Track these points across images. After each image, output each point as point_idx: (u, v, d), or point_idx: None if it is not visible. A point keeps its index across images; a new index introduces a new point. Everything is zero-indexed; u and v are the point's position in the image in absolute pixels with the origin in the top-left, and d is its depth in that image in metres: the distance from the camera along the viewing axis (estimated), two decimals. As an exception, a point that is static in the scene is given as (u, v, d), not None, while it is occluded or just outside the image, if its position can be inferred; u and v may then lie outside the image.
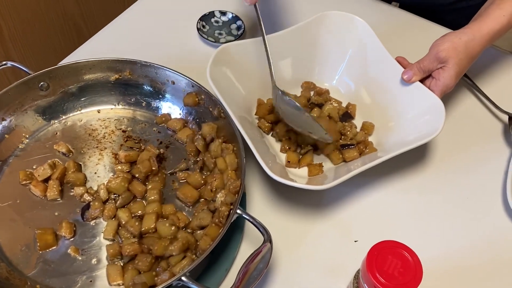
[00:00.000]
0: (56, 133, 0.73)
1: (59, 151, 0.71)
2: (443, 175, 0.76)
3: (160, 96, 0.76)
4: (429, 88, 0.73)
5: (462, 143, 0.80)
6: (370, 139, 0.76)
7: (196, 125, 0.74)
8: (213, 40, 0.89)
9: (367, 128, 0.77)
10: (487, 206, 0.73)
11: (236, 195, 0.63)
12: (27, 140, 0.72)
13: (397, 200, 0.73)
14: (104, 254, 0.62)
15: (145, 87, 0.76)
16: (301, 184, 0.64)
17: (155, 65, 0.74)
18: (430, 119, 0.71)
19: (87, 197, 0.66)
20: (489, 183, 0.75)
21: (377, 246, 0.52)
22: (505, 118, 0.81)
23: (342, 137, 0.75)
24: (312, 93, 0.81)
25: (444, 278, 0.64)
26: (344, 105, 0.79)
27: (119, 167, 0.69)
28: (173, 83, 0.75)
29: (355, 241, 0.68)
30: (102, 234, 0.64)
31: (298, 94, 0.81)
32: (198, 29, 0.89)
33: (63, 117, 0.75)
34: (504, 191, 0.73)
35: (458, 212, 0.72)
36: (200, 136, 0.71)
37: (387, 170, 0.75)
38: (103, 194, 0.66)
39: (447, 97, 0.73)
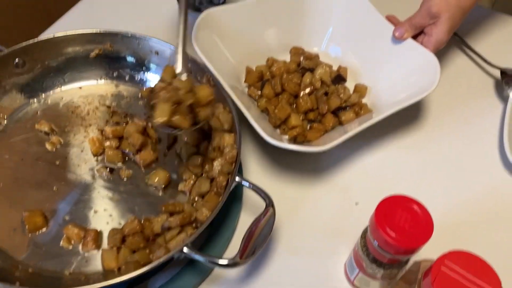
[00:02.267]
0: (37, 112, 0.69)
1: (41, 131, 0.67)
2: (439, 131, 0.75)
3: (144, 68, 0.73)
4: (421, 44, 0.72)
5: (456, 101, 0.79)
6: (364, 100, 0.75)
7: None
8: (193, 9, 0.85)
9: (360, 90, 0.75)
10: (485, 159, 0.72)
11: (233, 164, 0.60)
12: (5, 121, 0.68)
13: (395, 160, 0.71)
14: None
15: (128, 59, 0.73)
16: (298, 146, 0.62)
17: (137, 35, 0.71)
18: (425, 75, 0.70)
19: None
20: (485, 136, 0.74)
21: (386, 200, 0.50)
22: (497, 73, 0.81)
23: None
24: (301, 58, 0.78)
25: (450, 231, 0.63)
26: (335, 68, 0.77)
27: (108, 143, 0.65)
28: (157, 53, 0.71)
29: (356, 204, 0.67)
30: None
31: (288, 60, 0.78)
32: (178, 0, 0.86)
33: (43, 95, 0.71)
34: (501, 144, 0.72)
35: (457, 166, 0.71)
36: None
37: (383, 131, 0.73)
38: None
39: (437, 55, 0.72)
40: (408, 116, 0.76)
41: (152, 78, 0.73)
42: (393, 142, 0.73)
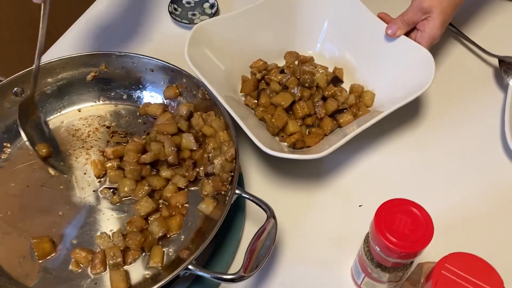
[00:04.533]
0: (39, 138, 0.70)
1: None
2: (439, 128, 0.74)
3: (141, 86, 0.74)
4: (415, 40, 0.71)
5: (455, 93, 0.78)
6: (361, 101, 0.74)
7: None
8: (188, 22, 0.86)
9: (357, 90, 0.74)
10: (488, 152, 0.72)
11: (234, 161, 0.61)
12: (9, 149, 0.69)
13: (396, 160, 0.71)
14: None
15: (124, 79, 0.73)
16: (298, 155, 0.62)
17: (131, 54, 0.71)
18: (420, 72, 0.69)
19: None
20: (487, 128, 0.74)
21: (384, 205, 0.50)
22: (495, 61, 0.80)
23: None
24: (296, 62, 0.78)
25: (454, 230, 0.63)
26: (330, 70, 0.77)
27: (109, 164, 0.66)
28: (152, 70, 0.72)
29: (359, 206, 0.67)
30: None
31: (281, 65, 0.78)
32: (171, 13, 0.86)
33: (44, 120, 0.72)
34: (503, 134, 0.71)
35: (459, 162, 0.71)
36: (179, 116, 0.68)
37: (381, 131, 0.73)
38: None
39: (434, 49, 0.72)
40: (407, 113, 0.75)
41: (148, 95, 0.74)
42: (393, 140, 0.73)
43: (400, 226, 0.49)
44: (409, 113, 0.75)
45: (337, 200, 0.67)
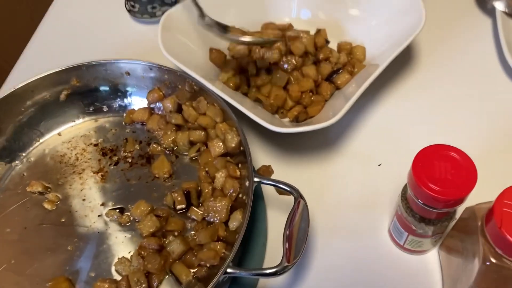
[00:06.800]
0: (23, 174, 0.64)
1: (34, 192, 0.62)
2: (437, 67, 0.72)
3: (120, 93, 0.68)
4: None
5: (441, 29, 0.75)
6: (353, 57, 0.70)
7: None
8: (149, 16, 0.80)
9: (345, 47, 0.71)
10: (491, 79, 0.69)
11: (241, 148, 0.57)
12: (-6, 194, 0.63)
13: (402, 109, 0.68)
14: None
15: (101, 89, 0.67)
16: (306, 127, 0.58)
17: (102, 61, 0.65)
18: (408, 14, 0.67)
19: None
20: (483, 56, 0.71)
21: (419, 154, 0.47)
22: (474, -12, 0.77)
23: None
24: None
25: (487, 166, 0.61)
26: (312, 33, 0.73)
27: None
28: (128, 74, 0.66)
29: (378, 165, 0.64)
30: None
31: (262, 39, 0.73)
32: (129, 11, 0.80)
33: (23, 154, 0.65)
34: (502, 57, 0.69)
35: (465, 95, 0.68)
36: (169, 114, 0.63)
37: (380, 83, 0.70)
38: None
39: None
40: (400, 60, 0.72)
41: (130, 101, 0.68)
42: (394, 90, 0.70)
43: (440, 172, 0.46)
44: (402, 59, 0.72)
45: (354, 164, 0.64)
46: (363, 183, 0.62)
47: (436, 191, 0.45)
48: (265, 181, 0.54)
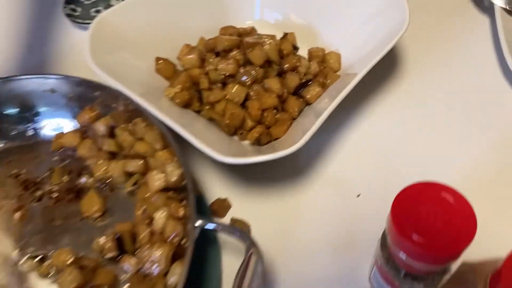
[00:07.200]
0: None
1: None
2: (427, 75, 0.62)
3: (39, 116, 0.57)
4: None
5: (431, 31, 0.65)
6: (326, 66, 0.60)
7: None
8: (91, 22, 0.69)
9: (317, 55, 0.60)
10: (490, 86, 0.59)
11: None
12: None
13: (386, 126, 0.58)
14: None
15: (10, 111, 0.56)
16: (267, 155, 0.47)
17: (17, 77, 0.54)
18: (389, 14, 0.57)
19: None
20: (482, 60, 0.61)
21: (401, 195, 0.36)
22: (468, -17, 0.67)
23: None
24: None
25: (479, 193, 0.50)
26: (279, 37, 0.62)
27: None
28: (53, 91, 0.55)
29: (357, 196, 0.53)
30: None
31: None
32: (69, 16, 0.69)
33: None
34: (501, 59, 0.59)
35: (463, 111, 0.58)
36: (101, 139, 0.53)
37: (360, 96, 0.59)
38: None
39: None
40: (385, 66, 0.62)
41: (58, 123, 0.57)
42: (377, 103, 0.60)
43: (429, 219, 0.35)
44: (386, 67, 0.62)
45: (328, 195, 0.53)
46: (339, 219, 0.51)
47: (422, 244, 0.34)
48: (207, 227, 0.43)
